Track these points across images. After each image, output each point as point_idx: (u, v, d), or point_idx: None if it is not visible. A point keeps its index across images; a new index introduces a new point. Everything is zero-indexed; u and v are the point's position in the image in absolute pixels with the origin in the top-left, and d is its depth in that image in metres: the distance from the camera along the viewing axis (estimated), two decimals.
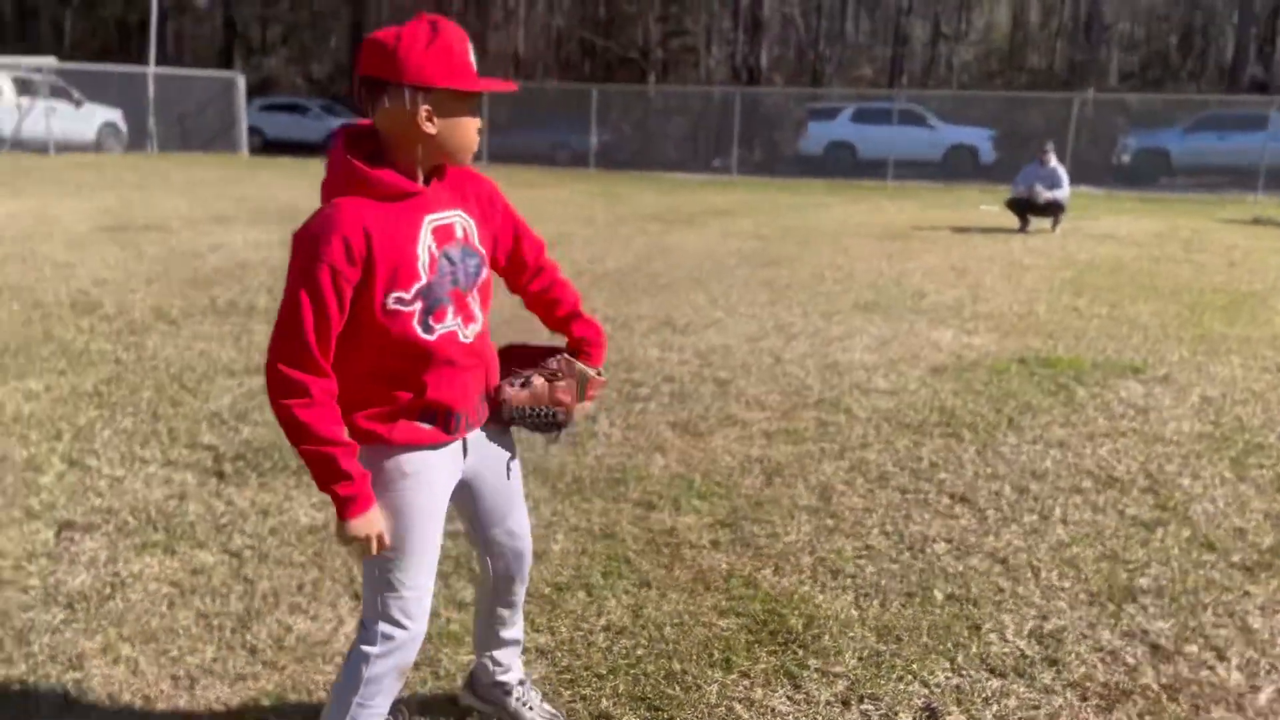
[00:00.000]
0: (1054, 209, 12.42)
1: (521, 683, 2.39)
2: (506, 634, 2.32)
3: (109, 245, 9.36)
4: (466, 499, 2.10)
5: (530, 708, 2.36)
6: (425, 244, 1.80)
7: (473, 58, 1.78)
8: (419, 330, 1.81)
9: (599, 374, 2.12)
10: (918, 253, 10.55)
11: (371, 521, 1.82)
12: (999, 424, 4.71)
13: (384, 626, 1.93)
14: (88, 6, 36.55)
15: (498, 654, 2.34)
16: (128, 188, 14.88)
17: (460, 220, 1.89)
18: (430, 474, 1.93)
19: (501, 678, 2.36)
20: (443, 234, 1.84)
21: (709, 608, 2.96)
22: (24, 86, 21.91)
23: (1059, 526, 3.59)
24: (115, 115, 23.97)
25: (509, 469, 2.12)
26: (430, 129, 1.75)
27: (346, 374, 1.80)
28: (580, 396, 2.08)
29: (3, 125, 21.60)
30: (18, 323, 6.21)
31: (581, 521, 3.53)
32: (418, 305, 1.79)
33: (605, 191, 17.75)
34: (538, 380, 2.04)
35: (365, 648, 1.93)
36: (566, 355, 2.10)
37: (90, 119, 23.33)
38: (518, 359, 2.10)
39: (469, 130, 1.81)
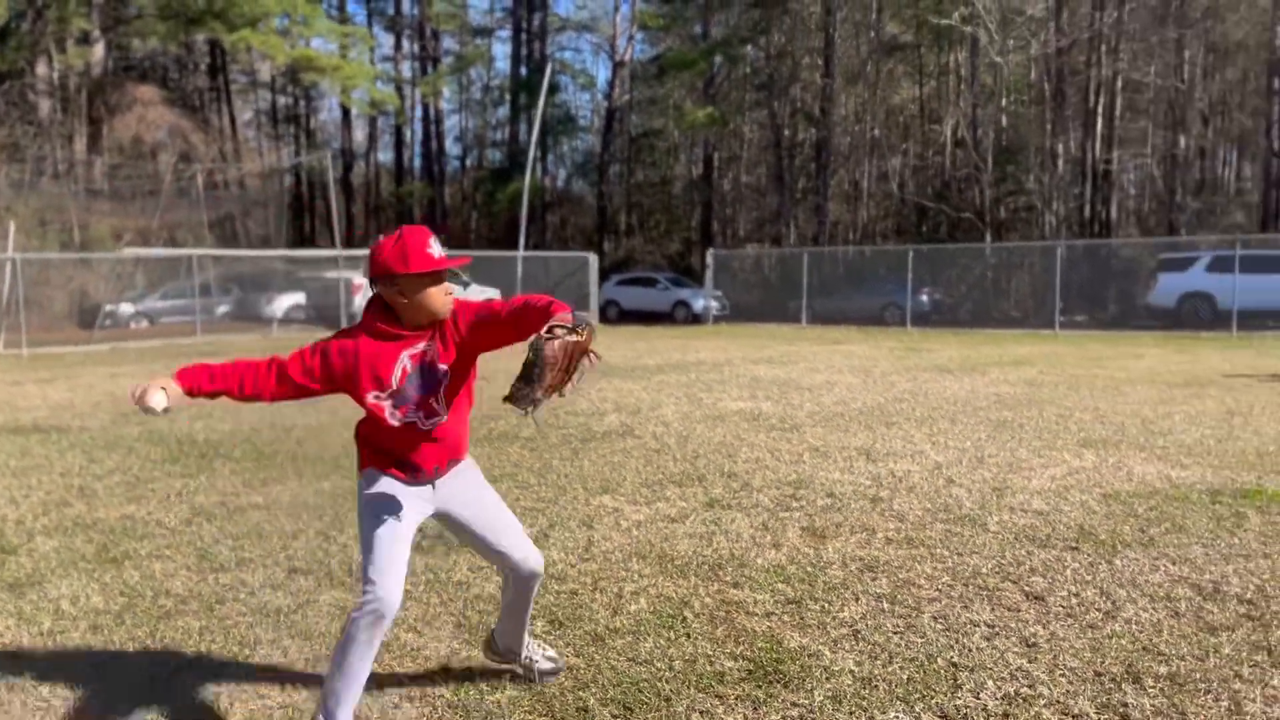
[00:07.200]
0: None
1: (527, 645, 3.26)
2: (517, 623, 3.17)
3: None
4: (455, 530, 2.99)
5: (535, 660, 3.27)
6: (401, 364, 2.74)
7: (432, 245, 2.68)
8: (389, 417, 2.78)
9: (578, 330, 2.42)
10: (1199, 398, 9.94)
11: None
12: (1131, 541, 4.72)
13: (363, 586, 2.70)
14: (486, 209, 43.64)
15: (510, 633, 3.21)
16: None
17: (429, 347, 2.77)
18: (392, 490, 2.82)
19: (515, 647, 3.25)
20: (417, 358, 2.76)
21: (725, 653, 3.52)
22: None
23: (1115, 623, 3.69)
24: (495, 294, 28.28)
25: (480, 503, 2.98)
26: (403, 300, 2.71)
27: (369, 428, 2.86)
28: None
29: None
30: None
31: (668, 590, 4.20)
32: (388, 401, 2.77)
33: (909, 347, 18.04)
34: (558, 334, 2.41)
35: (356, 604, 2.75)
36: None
37: (473, 298, 27.70)
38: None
39: (435, 297, 2.71)
